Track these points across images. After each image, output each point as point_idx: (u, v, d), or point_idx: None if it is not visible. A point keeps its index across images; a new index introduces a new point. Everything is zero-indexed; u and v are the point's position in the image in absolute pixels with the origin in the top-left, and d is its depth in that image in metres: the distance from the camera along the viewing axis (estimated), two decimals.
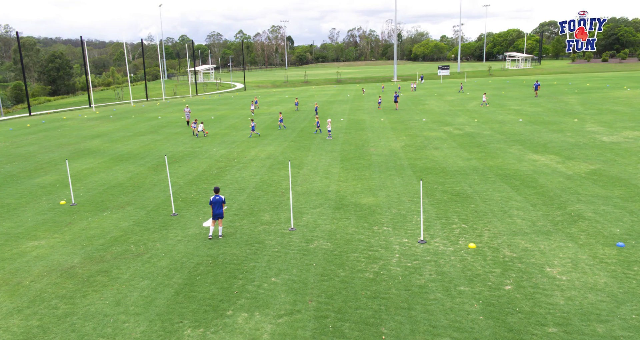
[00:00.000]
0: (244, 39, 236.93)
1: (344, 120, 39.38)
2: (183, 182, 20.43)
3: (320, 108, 49.47)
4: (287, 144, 28.73)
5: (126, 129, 38.39)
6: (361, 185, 18.76)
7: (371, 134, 31.32)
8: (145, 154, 27.26)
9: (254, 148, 27.94)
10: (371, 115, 42.33)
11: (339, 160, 23.75)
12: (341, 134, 31.73)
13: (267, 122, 39.89)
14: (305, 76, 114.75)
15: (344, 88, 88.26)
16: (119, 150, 28.63)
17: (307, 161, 23.62)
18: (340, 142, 28.60)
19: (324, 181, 19.65)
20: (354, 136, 30.77)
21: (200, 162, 24.37)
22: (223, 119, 43.27)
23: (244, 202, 17.08)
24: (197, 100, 69.53)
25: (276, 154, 25.69)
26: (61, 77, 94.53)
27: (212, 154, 26.58)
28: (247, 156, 25.49)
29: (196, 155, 26.41)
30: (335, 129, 34.41)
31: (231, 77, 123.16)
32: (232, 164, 23.66)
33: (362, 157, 24.24)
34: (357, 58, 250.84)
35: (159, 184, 20.30)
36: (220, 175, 21.31)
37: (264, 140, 30.74)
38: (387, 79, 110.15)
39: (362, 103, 54.52)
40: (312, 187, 18.79)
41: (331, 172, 21.28)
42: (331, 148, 26.91)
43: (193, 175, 21.68)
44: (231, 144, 29.73)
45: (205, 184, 20.01)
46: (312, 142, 29.19)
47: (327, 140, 29.55)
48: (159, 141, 31.63)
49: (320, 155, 25.11)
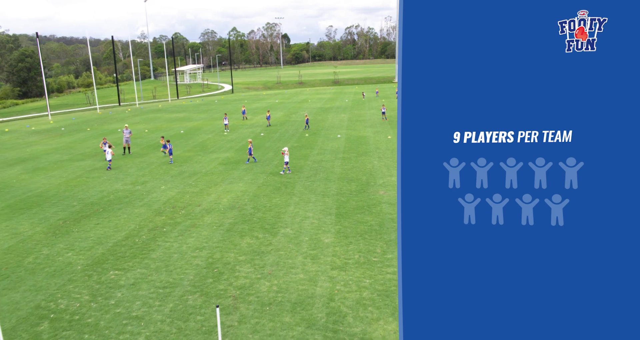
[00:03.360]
0: (238, 37, 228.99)
1: (341, 137, 31.61)
2: (83, 263, 12.68)
3: (313, 119, 41.65)
4: (264, 179, 20.96)
5: (67, 150, 30.52)
6: (371, 278, 11.03)
7: (377, 162, 23.58)
8: (64, 196, 19.44)
9: (217, 186, 20.17)
10: (375, 128, 34.58)
11: (333, 213, 16.02)
12: (338, 161, 23.99)
13: (243, 140, 32.08)
14: (300, 77, 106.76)
15: (342, 91, 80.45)
16: (32, 188, 20.79)
17: (287, 216, 15.87)
18: (336, 177, 20.85)
19: (309, 267, 11.92)
20: (354, 165, 23.03)
21: (130, 216, 16.59)
22: (194, 134, 35.43)
23: (160, 326, 9.31)
24: (174, 106, 61.59)
25: (244, 200, 17.93)
26: (32, 78, 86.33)
27: (156, 197, 18.79)
28: (203, 203, 17.73)
29: (132, 199, 18.63)
30: (330, 151, 26.67)
31: (218, 78, 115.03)
32: (176, 221, 15.89)
33: (368, 207, 16.52)
34: (355, 56, 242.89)
35: (46, 265, 12.53)
36: (146, 249, 13.54)
37: (234, 170, 22.96)
38: (387, 79, 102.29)
39: (363, 111, 46.74)
40: (288, 285, 11.06)
41: (321, 242, 13.57)
42: (324, 188, 19.16)
43: (107, 245, 13.92)
44: (190, 176, 21.94)
45: (117, 269, 12.26)
46: (299, 176, 21.43)
47: (318, 174, 21.77)
48: (95, 172, 23.81)
49: (306, 202, 17.36)
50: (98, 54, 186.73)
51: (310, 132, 33.89)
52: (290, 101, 62.21)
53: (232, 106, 57.10)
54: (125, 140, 28.04)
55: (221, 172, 22.61)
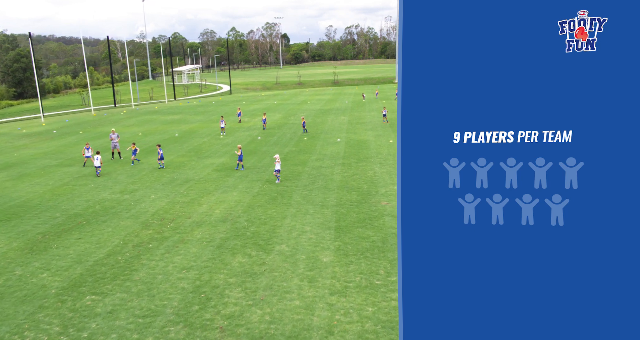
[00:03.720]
0: (237, 37, 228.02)
1: (341, 141, 30.52)
2: (58, 285, 11.58)
3: (312, 122, 40.59)
4: (260, 188, 19.86)
5: (57, 154, 29.41)
6: (374, 306, 9.90)
7: (379, 168, 22.47)
8: (47, 206, 18.32)
9: (210, 194, 19.07)
10: (376, 132, 33.47)
11: (332, 227, 14.91)
12: (337, 168, 22.89)
13: (236, 147, 30.98)
14: (299, 77, 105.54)
15: (342, 91, 79.39)
16: (14, 197, 19.68)
17: (282, 231, 14.75)
18: (336, 186, 19.74)
19: (306, 292, 10.81)
20: (355, 172, 21.92)
21: (115, 229, 15.47)
22: (189, 137, 34.33)
23: None
24: (170, 108, 60.50)
25: (238, 211, 16.82)
26: (28, 79, 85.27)
27: (144, 207, 17.68)
28: (193, 215, 16.61)
29: (119, 209, 17.51)
30: (330, 156, 25.57)
31: (216, 78, 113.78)
32: (163, 235, 14.78)
33: (370, 220, 15.41)
34: (354, 56, 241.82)
35: (17, 288, 11.42)
36: (129, 269, 12.43)
37: (229, 177, 21.86)
38: (388, 80, 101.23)
39: (364, 113, 45.64)
40: (282, 313, 9.94)
41: (319, 261, 12.46)
42: (322, 198, 18.05)
43: (87, 264, 12.81)
44: (181, 184, 20.84)
45: (94, 293, 11.15)
46: (297, 184, 20.32)
47: (316, 182, 20.66)
48: (83, 179, 22.71)
49: (304, 214, 16.25)
50: (97, 54, 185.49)
51: (309, 136, 32.78)
52: (289, 102, 61.11)
53: (230, 108, 56.02)
54: (113, 145, 26.94)
55: (215, 180, 21.50)
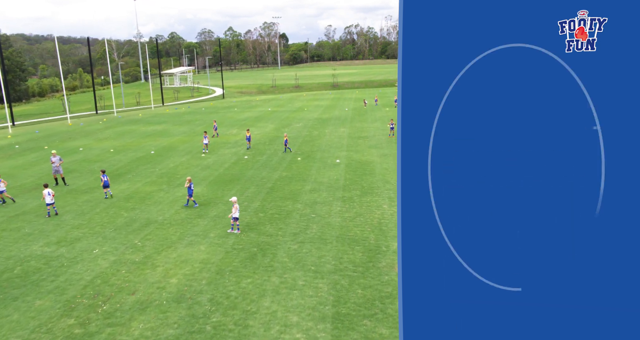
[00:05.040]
0: (235, 37, 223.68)
1: (341, 162, 26.10)
2: None
3: (308, 135, 36.13)
4: (236, 238, 15.45)
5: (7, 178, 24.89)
6: None
7: (388, 206, 18.07)
8: None
9: (170, 248, 14.66)
10: (380, 150, 29.07)
11: (329, 317, 10.50)
12: (337, 204, 18.48)
13: (222, 166, 26.49)
14: (297, 80, 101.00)
15: (341, 96, 74.97)
16: None
17: (257, 324, 10.30)
18: (334, 235, 15.31)
19: None
20: (358, 211, 17.52)
21: (23, 315, 11.02)
22: (166, 156, 29.88)
23: None
24: (155, 115, 55.96)
25: (201, 282, 12.39)
26: (11, 82, 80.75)
27: (79, 272, 13.25)
28: (140, 288, 12.18)
29: (44, 275, 13.07)
30: (327, 185, 21.16)
31: (209, 81, 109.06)
32: (88, 329, 10.35)
33: (381, 302, 10.99)
34: (354, 56, 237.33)
35: None
36: None
37: (200, 219, 17.45)
38: (389, 82, 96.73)
39: (366, 124, 41.22)
40: None
41: None
42: (317, 258, 13.62)
43: None
44: (139, 230, 16.42)
45: None
46: (284, 231, 15.90)
47: (309, 227, 16.22)
48: (19, 219, 18.27)
49: (291, 288, 11.83)
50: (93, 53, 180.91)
51: (304, 156, 28.36)
52: (284, 110, 56.70)
53: (220, 115, 51.58)
54: (54, 170, 22.54)
55: (182, 223, 17.08)
